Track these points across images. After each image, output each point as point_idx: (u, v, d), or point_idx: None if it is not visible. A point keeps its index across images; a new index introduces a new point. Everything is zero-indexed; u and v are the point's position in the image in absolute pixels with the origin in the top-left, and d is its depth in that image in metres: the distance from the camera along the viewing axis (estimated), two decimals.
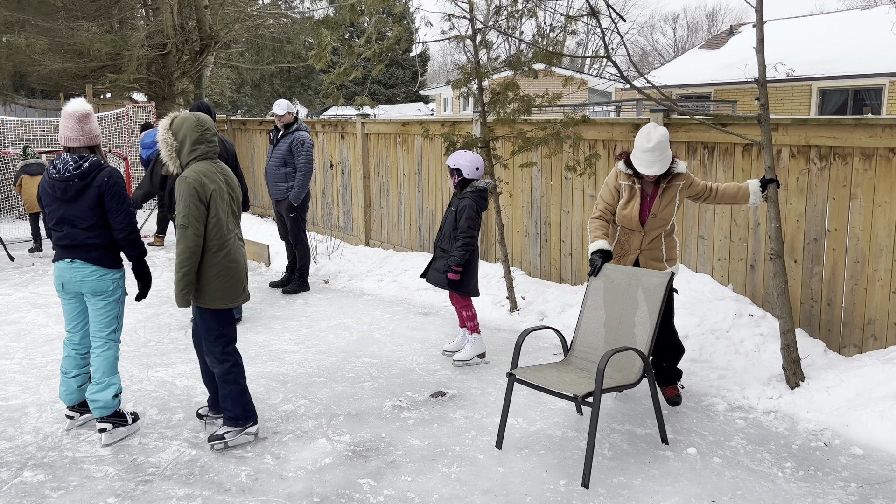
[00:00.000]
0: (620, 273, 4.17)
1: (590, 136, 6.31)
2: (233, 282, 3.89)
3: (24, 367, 5.22)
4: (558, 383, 3.75)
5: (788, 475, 3.64)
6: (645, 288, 4.03)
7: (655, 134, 4.13)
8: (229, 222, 3.90)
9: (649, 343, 3.89)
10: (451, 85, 6.00)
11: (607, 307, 4.14)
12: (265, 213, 11.58)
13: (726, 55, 22.47)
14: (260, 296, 7.25)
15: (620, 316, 4.08)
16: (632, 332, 4.00)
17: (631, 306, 4.05)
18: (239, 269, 3.92)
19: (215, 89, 18.07)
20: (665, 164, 4.18)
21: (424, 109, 34.60)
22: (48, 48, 11.63)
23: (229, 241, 3.88)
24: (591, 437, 3.54)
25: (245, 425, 3.99)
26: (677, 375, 4.51)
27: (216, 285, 3.83)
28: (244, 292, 3.99)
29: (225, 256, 3.85)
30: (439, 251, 5.30)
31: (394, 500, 3.44)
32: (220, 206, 3.83)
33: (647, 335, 3.92)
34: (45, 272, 8.37)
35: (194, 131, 3.81)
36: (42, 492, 3.51)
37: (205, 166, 3.82)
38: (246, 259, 4.08)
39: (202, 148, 3.83)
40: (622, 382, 3.80)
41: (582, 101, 22.28)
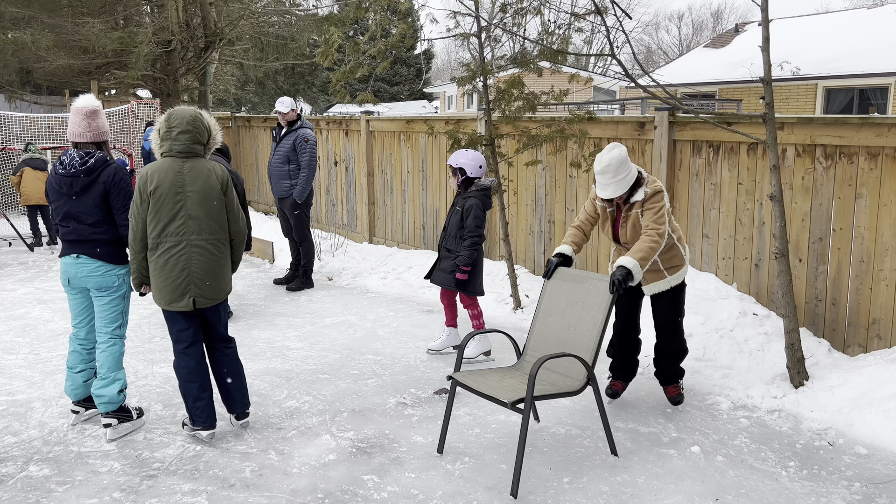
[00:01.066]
0: (573, 277, 4.02)
1: (595, 135, 6.30)
2: (166, 286, 3.80)
3: (30, 363, 5.24)
4: (496, 388, 3.56)
5: (792, 474, 3.64)
6: (594, 293, 3.88)
7: (606, 157, 3.98)
8: (180, 226, 3.76)
9: (594, 349, 3.74)
10: (455, 82, 6.00)
11: (558, 312, 3.98)
12: (269, 210, 11.60)
13: (731, 54, 22.41)
14: (264, 292, 7.26)
15: (569, 321, 3.92)
16: (580, 338, 3.83)
17: (580, 312, 3.88)
18: (176, 276, 3.76)
19: (220, 86, 18.09)
20: (620, 187, 4.01)
21: (428, 107, 34.58)
22: (53, 44, 11.66)
23: (171, 243, 3.76)
24: (521, 445, 3.38)
25: (193, 427, 3.99)
26: (679, 374, 4.48)
27: (154, 283, 3.85)
28: (182, 300, 3.79)
29: (159, 257, 3.78)
30: (444, 251, 5.28)
31: (397, 496, 3.45)
32: (162, 206, 3.74)
33: (593, 341, 3.76)
34: (51, 268, 8.40)
35: (162, 126, 3.83)
36: (48, 486, 3.53)
37: (163, 164, 3.79)
38: (205, 268, 3.82)
39: (166, 144, 3.81)
40: (566, 389, 3.64)
41: (586, 100, 22.25)
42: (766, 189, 5.28)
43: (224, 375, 4.07)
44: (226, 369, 4.07)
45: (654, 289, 4.27)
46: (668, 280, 4.25)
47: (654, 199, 4.03)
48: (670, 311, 4.34)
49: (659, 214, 3.99)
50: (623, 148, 4.02)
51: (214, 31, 12.93)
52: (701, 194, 5.73)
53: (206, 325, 4.03)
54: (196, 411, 3.93)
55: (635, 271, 3.84)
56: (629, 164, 4.02)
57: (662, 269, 4.24)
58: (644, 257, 3.89)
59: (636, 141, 6.09)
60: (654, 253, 3.92)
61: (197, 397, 3.92)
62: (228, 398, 4.10)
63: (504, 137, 6.68)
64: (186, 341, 3.91)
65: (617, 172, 3.98)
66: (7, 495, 3.44)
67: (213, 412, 3.98)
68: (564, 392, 3.63)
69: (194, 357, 3.93)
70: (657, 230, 3.96)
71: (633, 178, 4.03)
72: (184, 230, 3.78)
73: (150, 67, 12.58)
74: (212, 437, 4.00)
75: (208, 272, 3.85)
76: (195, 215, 3.80)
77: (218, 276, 3.90)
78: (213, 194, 3.84)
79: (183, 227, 3.78)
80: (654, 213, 4.00)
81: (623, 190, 4.01)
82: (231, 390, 4.08)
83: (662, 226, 3.97)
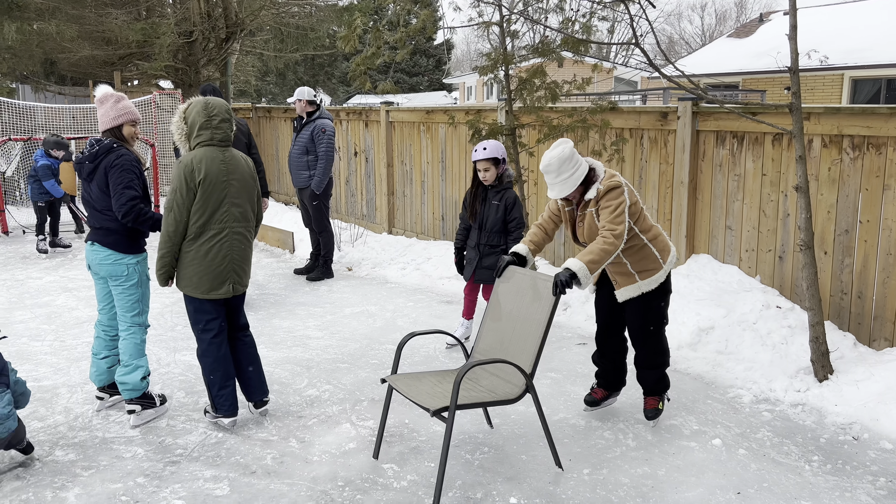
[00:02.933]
0: (522, 277, 3.73)
1: (617, 125, 6.25)
2: (207, 274, 3.81)
3: (55, 349, 5.32)
4: (424, 394, 3.36)
5: (816, 468, 3.60)
6: (539, 295, 3.60)
7: (548, 155, 3.68)
8: (224, 213, 3.81)
9: (533, 354, 3.48)
10: (477, 71, 5.97)
11: (506, 314, 3.73)
12: (289, 200, 11.65)
13: (756, 44, 22.09)
14: (284, 282, 7.31)
15: (514, 324, 3.66)
16: (523, 342, 3.57)
17: (525, 314, 3.62)
18: (218, 264, 3.81)
19: (241, 77, 18.17)
20: (566, 187, 3.69)
21: (448, 98, 34.49)
22: (77, 35, 11.77)
23: (214, 231, 3.80)
24: (443, 456, 3.19)
25: (215, 414, 4.02)
26: (660, 387, 4.06)
27: (189, 272, 3.83)
28: (223, 287, 3.85)
29: (201, 246, 3.79)
30: (486, 248, 5.15)
31: (417, 485, 3.46)
32: (210, 195, 3.76)
33: (534, 346, 3.49)
34: (75, 256, 8.51)
35: (200, 116, 3.81)
36: (73, 470, 3.58)
37: (206, 152, 3.79)
38: (243, 255, 3.92)
39: (206, 133, 3.80)
40: (503, 397, 3.40)
41: (607, 90, 22.06)
42: (791, 180, 5.21)
43: (244, 364, 4.10)
44: (245, 357, 4.10)
45: (625, 294, 3.88)
46: (639, 285, 3.84)
47: (609, 197, 3.66)
48: (640, 319, 3.92)
49: (615, 213, 3.61)
50: (569, 144, 3.70)
51: (235, 22, 12.98)
52: (724, 185, 5.66)
53: (230, 314, 4.06)
54: (220, 399, 3.97)
55: (581, 274, 3.50)
56: (575, 162, 3.68)
57: (633, 272, 3.85)
58: (594, 260, 3.54)
59: (658, 131, 6.03)
60: (607, 255, 3.56)
61: (222, 385, 3.96)
62: (248, 386, 4.12)
63: (525, 127, 6.65)
64: (215, 330, 3.95)
65: (560, 171, 3.67)
66: (34, 479, 3.50)
67: (236, 400, 4.02)
68: (501, 400, 3.38)
69: (222, 346, 3.97)
70: (613, 231, 3.59)
71: (580, 177, 3.68)
72: (227, 217, 3.83)
73: (172, 58, 12.66)
74: (233, 424, 4.04)
75: (245, 259, 3.95)
76: (237, 203, 3.86)
77: (250, 263, 4.03)
78: (250, 182, 3.93)
79: (226, 215, 3.83)
80: (609, 212, 3.63)
81: (569, 189, 3.69)
82: (251, 378, 4.11)
83: (619, 226, 3.59)
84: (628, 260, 3.83)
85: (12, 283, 7.23)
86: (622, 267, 3.86)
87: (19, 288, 7.02)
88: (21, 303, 6.51)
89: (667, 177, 6.02)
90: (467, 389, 3.50)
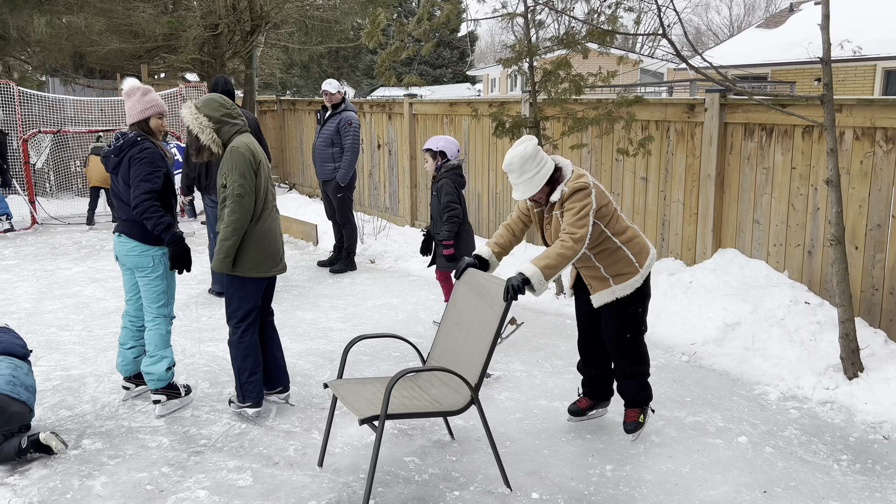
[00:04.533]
0: (479, 281, 3.57)
1: (643, 117, 6.16)
2: (269, 252, 3.96)
3: (83, 339, 5.40)
4: (360, 400, 3.25)
5: (845, 467, 3.53)
6: (492, 300, 3.42)
7: (510, 153, 3.49)
8: (270, 193, 4.00)
9: (480, 363, 3.31)
10: (501, 63, 5.92)
11: (461, 318, 3.57)
12: (313, 192, 11.70)
13: (785, 34, 21.68)
14: (308, 274, 7.34)
15: (467, 330, 3.49)
16: (474, 349, 3.40)
17: (479, 320, 3.45)
18: (275, 241, 4.00)
19: (265, 70, 18.26)
20: (529, 188, 3.49)
21: (471, 90, 34.38)
22: (106, 29, 11.90)
23: (268, 211, 3.97)
24: (372, 465, 3.09)
25: (241, 404, 4.06)
26: (643, 398, 3.84)
27: (254, 254, 3.90)
28: (280, 263, 4.04)
29: (262, 225, 3.92)
30: (436, 236, 5.45)
31: (438, 478, 3.45)
32: (261, 177, 3.92)
33: (481, 354, 3.33)
34: (103, 247, 8.63)
35: (223, 108, 3.89)
36: (100, 459, 3.64)
37: (248, 138, 3.91)
38: (281, 231, 4.12)
39: (238, 122, 3.91)
40: (447, 408, 3.26)
41: (633, 82, 21.81)
42: (821, 174, 5.10)
43: (274, 350, 4.19)
44: (274, 343, 4.21)
45: (599, 299, 3.68)
46: (613, 290, 3.63)
47: (573, 199, 3.45)
48: (615, 326, 3.71)
49: (577, 217, 3.41)
50: (532, 143, 3.49)
51: (260, 15, 13.03)
52: (752, 179, 5.57)
53: (266, 297, 4.14)
54: (249, 386, 4.02)
55: (534, 279, 3.32)
56: (539, 161, 3.48)
57: (606, 276, 3.65)
58: (550, 265, 3.35)
59: (685, 124, 5.94)
60: (564, 260, 3.37)
61: (252, 371, 4.02)
62: (278, 373, 4.20)
63: (549, 120, 6.59)
64: (252, 317, 4.01)
65: (523, 171, 3.47)
66: (62, 467, 3.56)
67: (262, 390, 4.08)
68: (445, 411, 3.24)
69: (256, 333, 4.05)
70: (572, 235, 3.39)
71: (545, 176, 3.48)
72: (271, 197, 4.01)
73: (197, 51, 12.75)
74: (257, 415, 4.07)
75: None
76: (272, 182, 4.04)
77: None
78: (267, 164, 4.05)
79: (270, 194, 4.00)
80: (572, 215, 3.42)
81: (533, 190, 3.49)
82: (281, 365, 4.20)
83: (580, 230, 3.39)
84: (601, 264, 3.63)
85: (42, 273, 7.35)
86: (595, 271, 3.66)
87: (49, 279, 7.14)
88: (50, 293, 6.62)
89: (693, 170, 5.93)
90: (411, 398, 3.35)
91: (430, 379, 3.59)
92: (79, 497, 3.30)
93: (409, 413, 3.17)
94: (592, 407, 4.01)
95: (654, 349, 5.11)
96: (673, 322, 5.30)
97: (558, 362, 4.92)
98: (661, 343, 5.19)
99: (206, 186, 6.30)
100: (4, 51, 13.20)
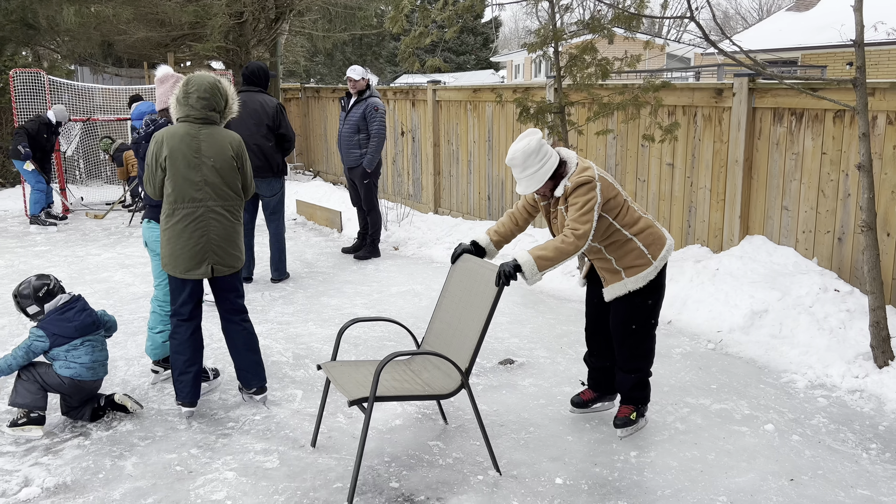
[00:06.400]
0: (473, 265, 3.56)
1: (669, 102, 6.09)
2: (180, 254, 3.74)
3: None
4: (350, 382, 3.26)
5: (874, 456, 3.49)
6: (485, 285, 3.39)
7: (512, 148, 3.41)
8: (194, 191, 3.71)
9: (472, 348, 3.31)
10: (526, 48, 5.88)
11: (455, 303, 3.56)
12: (337, 180, 11.75)
13: (816, 17, 21.23)
14: (332, 261, 7.39)
15: (461, 315, 3.48)
16: (467, 334, 3.39)
17: (472, 304, 3.45)
18: (195, 243, 3.73)
19: (290, 58, 18.31)
20: (532, 182, 3.41)
21: (495, 76, 34.18)
22: (133, 17, 12.02)
23: (189, 210, 3.71)
24: (360, 447, 3.11)
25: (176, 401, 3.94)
26: (639, 397, 3.73)
27: (167, 251, 3.78)
28: (201, 267, 3.76)
29: (176, 224, 3.72)
30: None
31: (462, 462, 3.48)
32: (178, 171, 3.68)
33: (473, 339, 3.32)
34: (132, 234, 8.76)
35: (179, 92, 3.75)
36: (130, 440, 3.71)
37: (177, 129, 3.73)
38: (224, 234, 3.78)
39: (183, 110, 3.74)
40: (438, 392, 3.27)
41: (659, 67, 21.54)
42: (852, 159, 5.01)
43: (242, 349, 4.00)
44: (244, 343, 4.00)
45: (611, 292, 3.59)
46: (625, 283, 3.54)
47: (577, 194, 3.38)
48: (622, 315, 3.62)
49: (582, 212, 3.35)
50: (535, 137, 3.41)
51: (285, 2, 13.06)
52: (781, 165, 5.48)
53: (221, 296, 3.95)
54: (179, 385, 3.89)
55: (526, 267, 3.28)
56: (543, 155, 3.40)
57: (618, 269, 3.56)
58: (546, 256, 3.30)
59: (713, 109, 5.86)
60: (563, 254, 3.32)
61: (182, 371, 3.88)
62: (245, 373, 4.03)
63: (574, 105, 6.54)
64: (185, 315, 3.87)
65: (525, 166, 3.40)
66: (94, 448, 3.64)
67: (195, 390, 3.92)
68: (436, 395, 3.25)
69: (188, 330, 3.88)
70: (575, 231, 3.33)
71: (549, 171, 3.40)
72: (202, 196, 3.73)
73: (223, 39, 12.83)
74: (190, 415, 3.94)
75: (225, 238, 3.80)
76: (212, 181, 3.74)
77: (234, 244, 3.86)
78: (229, 161, 3.78)
79: (201, 193, 3.72)
80: (576, 210, 3.37)
81: (537, 185, 3.42)
82: (248, 364, 4.02)
83: (584, 225, 3.33)
84: (612, 256, 3.54)
85: (73, 259, 7.49)
86: (607, 263, 3.58)
87: (79, 264, 7.27)
88: (81, 278, 6.75)
89: (721, 156, 5.85)
90: (403, 381, 3.36)
91: (423, 363, 3.60)
92: (111, 477, 3.38)
93: (398, 396, 3.19)
94: (596, 399, 3.95)
95: (679, 336, 5.08)
96: (699, 309, 5.26)
97: (582, 349, 4.90)
98: (687, 331, 5.16)
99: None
100: (34, 40, 13.40)
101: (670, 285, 5.56)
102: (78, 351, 3.77)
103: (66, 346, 3.74)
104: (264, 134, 6.27)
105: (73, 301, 3.86)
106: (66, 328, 3.74)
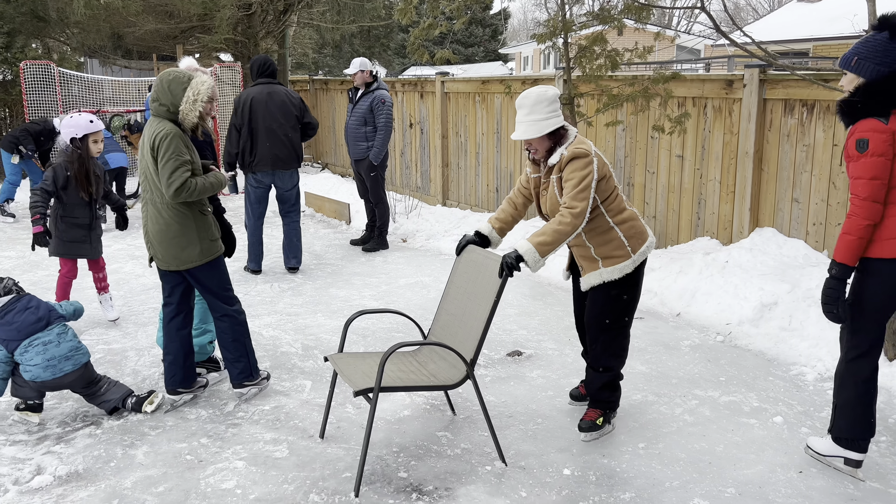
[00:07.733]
0: (478, 256, 3.54)
1: (679, 93, 6.06)
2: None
3: (123, 314, 5.53)
4: (356, 373, 3.28)
5: (884, 449, 3.48)
6: (489, 277, 3.37)
7: (533, 91, 3.32)
8: (143, 187, 3.82)
9: (476, 339, 3.29)
10: (535, 39, 5.86)
11: (461, 295, 3.55)
12: (345, 172, 11.75)
13: (827, 8, 21.06)
14: (341, 253, 7.41)
15: (466, 306, 3.48)
16: (472, 325, 3.38)
17: (477, 296, 3.43)
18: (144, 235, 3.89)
19: (298, 49, 18.32)
20: (529, 130, 3.29)
21: (504, 68, 34.08)
22: (142, 10, 12.05)
23: (146, 203, 3.82)
24: (366, 439, 3.14)
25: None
26: (606, 399, 3.60)
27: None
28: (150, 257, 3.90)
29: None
30: None
31: (470, 453, 3.49)
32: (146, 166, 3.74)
33: (478, 332, 3.31)
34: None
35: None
36: (141, 430, 3.74)
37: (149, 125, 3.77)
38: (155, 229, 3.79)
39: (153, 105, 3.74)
40: (443, 382, 3.27)
41: (669, 59, 21.41)
42: None
43: (220, 345, 4.02)
44: (219, 340, 4.00)
45: (588, 281, 3.49)
46: (601, 273, 3.43)
47: (573, 167, 3.25)
48: (597, 308, 3.51)
49: (578, 188, 3.22)
50: (553, 90, 3.35)
51: None
52: (792, 156, 5.45)
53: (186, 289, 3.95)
54: (164, 369, 3.99)
55: (528, 255, 3.21)
56: (552, 109, 3.29)
57: (596, 257, 3.45)
58: (546, 241, 3.21)
59: (723, 100, 5.82)
60: (562, 236, 3.22)
61: (163, 356, 3.99)
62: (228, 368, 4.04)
63: (583, 97, 6.52)
64: (164, 301, 3.95)
65: (532, 110, 3.27)
66: (105, 437, 3.67)
67: (173, 377, 3.95)
68: (442, 385, 3.26)
69: (167, 317, 3.94)
70: (572, 210, 3.21)
71: (550, 126, 3.28)
72: (144, 188, 3.82)
73: (231, 31, 12.84)
74: (172, 403, 3.98)
75: (156, 234, 3.79)
76: (147, 175, 3.76)
77: (166, 242, 3.76)
78: (150, 154, 3.68)
79: (143, 186, 3.82)
80: (572, 186, 3.23)
81: (533, 133, 3.28)
82: (229, 364, 4.02)
83: (581, 203, 3.21)
84: (591, 243, 3.44)
85: None
86: (586, 251, 3.48)
87: None
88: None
89: (731, 147, 5.82)
90: (409, 372, 3.38)
91: (429, 354, 3.61)
92: (122, 465, 3.41)
93: (404, 386, 3.20)
94: None
95: (688, 329, 5.07)
96: (708, 302, 5.24)
97: None
98: (696, 323, 5.15)
99: (250, 164, 6.37)
100: (44, 32, 13.45)
101: (680, 277, 5.55)
102: (29, 353, 3.64)
103: (19, 349, 3.65)
104: (293, 125, 6.38)
105: (12, 302, 3.74)
106: (9, 331, 3.66)
